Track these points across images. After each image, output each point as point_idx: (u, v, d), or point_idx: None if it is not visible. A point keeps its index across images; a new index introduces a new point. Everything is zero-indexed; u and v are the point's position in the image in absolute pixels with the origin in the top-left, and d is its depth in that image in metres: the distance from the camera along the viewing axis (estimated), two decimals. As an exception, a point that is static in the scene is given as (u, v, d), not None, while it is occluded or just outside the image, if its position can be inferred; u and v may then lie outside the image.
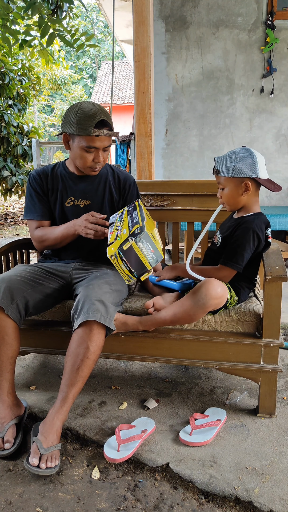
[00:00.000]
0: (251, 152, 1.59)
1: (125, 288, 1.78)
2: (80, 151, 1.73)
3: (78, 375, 1.45)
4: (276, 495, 1.26)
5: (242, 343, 1.59)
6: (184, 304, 1.55)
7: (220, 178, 1.63)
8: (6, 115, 6.70)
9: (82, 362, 1.46)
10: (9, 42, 3.82)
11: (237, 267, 1.59)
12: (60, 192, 1.87)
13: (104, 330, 1.50)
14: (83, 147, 1.71)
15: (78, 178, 1.88)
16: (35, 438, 1.40)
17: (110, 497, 1.29)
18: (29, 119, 14.60)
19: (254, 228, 1.59)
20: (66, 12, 4.49)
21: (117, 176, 1.93)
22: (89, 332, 1.47)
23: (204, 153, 4.29)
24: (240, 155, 1.58)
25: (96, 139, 1.69)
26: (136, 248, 1.41)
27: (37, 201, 1.87)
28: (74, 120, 1.69)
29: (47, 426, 1.42)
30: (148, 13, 2.40)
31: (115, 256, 1.44)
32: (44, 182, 1.88)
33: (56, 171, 1.90)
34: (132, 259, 1.43)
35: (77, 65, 25.92)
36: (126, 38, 6.53)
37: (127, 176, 1.95)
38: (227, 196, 1.64)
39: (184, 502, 1.27)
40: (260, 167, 1.58)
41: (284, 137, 4.17)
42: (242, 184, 1.60)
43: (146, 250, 1.43)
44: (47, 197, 1.88)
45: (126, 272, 1.45)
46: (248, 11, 3.98)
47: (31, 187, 1.88)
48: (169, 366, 2.07)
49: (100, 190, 1.89)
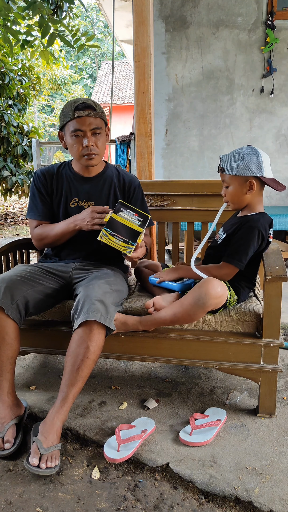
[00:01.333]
0: (257, 151, 1.59)
1: (125, 288, 1.78)
2: (70, 140, 1.76)
3: (78, 375, 1.45)
4: (276, 495, 1.26)
5: (242, 343, 1.59)
6: (184, 304, 1.55)
7: (225, 176, 1.64)
8: (6, 115, 6.70)
9: (82, 362, 1.46)
10: (10, 43, 3.82)
11: (239, 265, 1.59)
12: (65, 193, 1.87)
13: (104, 330, 1.50)
14: (70, 134, 1.74)
15: (83, 179, 1.89)
16: (35, 438, 1.40)
17: (110, 497, 1.29)
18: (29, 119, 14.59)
19: (259, 227, 1.59)
20: (66, 12, 4.49)
21: (122, 178, 1.93)
22: (89, 332, 1.47)
23: (204, 153, 4.29)
24: (246, 154, 1.58)
25: (79, 121, 1.70)
26: (118, 218, 1.49)
27: (39, 201, 1.88)
28: (60, 113, 1.77)
29: (47, 426, 1.42)
30: (148, 13, 2.40)
31: (105, 235, 1.49)
32: (49, 182, 1.88)
33: (62, 171, 1.91)
34: (121, 229, 1.49)
35: (77, 65, 25.92)
36: (126, 38, 6.53)
37: (132, 179, 1.95)
38: (232, 194, 1.64)
39: (184, 502, 1.27)
40: (265, 166, 1.59)
41: (284, 137, 4.17)
42: (246, 183, 1.60)
43: (129, 216, 1.51)
44: (50, 197, 1.89)
45: (122, 244, 1.49)
46: (248, 11, 3.98)
47: (35, 186, 1.89)
48: (169, 366, 2.07)
49: (104, 191, 1.89)
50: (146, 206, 2.01)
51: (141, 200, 1.97)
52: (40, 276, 1.72)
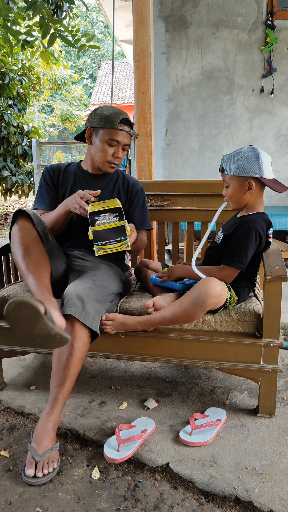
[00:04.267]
0: (257, 151, 1.59)
1: (114, 284, 1.76)
2: (102, 144, 1.82)
3: (65, 374, 1.44)
4: (276, 495, 1.27)
5: (242, 343, 1.59)
6: (183, 303, 1.55)
7: (225, 176, 1.64)
8: (6, 115, 6.69)
9: (68, 360, 1.45)
10: (11, 43, 3.82)
11: (240, 266, 1.59)
12: (71, 186, 1.93)
13: (87, 326, 1.50)
14: (106, 139, 1.80)
15: (90, 176, 1.95)
16: (29, 445, 1.40)
17: (110, 497, 1.29)
18: (29, 119, 14.60)
19: (256, 227, 1.59)
20: (66, 12, 4.48)
21: (126, 181, 2.01)
22: (71, 329, 1.47)
23: (204, 153, 4.29)
24: (246, 154, 1.58)
25: (120, 133, 1.79)
26: (99, 227, 1.53)
27: (45, 192, 1.94)
28: (101, 114, 1.80)
29: (39, 431, 1.41)
30: (148, 13, 2.40)
31: (100, 249, 1.53)
32: (56, 175, 1.96)
33: (70, 168, 1.99)
34: (107, 235, 1.53)
35: (77, 65, 25.92)
36: (126, 38, 6.53)
37: (135, 182, 2.03)
38: (231, 194, 1.65)
39: (184, 502, 1.27)
40: (265, 167, 1.59)
41: (284, 137, 4.17)
42: (245, 183, 1.60)
43: (105, 219, 1.55)
44: (56, 189, 1.95)
45: (118, 245, 1.53)
46: (248, 11, 3.98)
47: (43, 179, 1.97)
48: (169, 366, 2.07)
49: (109, 189, 1.95)
50: (147, 210, 2.03)
51: (142, 203, 2.00)
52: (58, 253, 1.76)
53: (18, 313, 1.19)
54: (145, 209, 2.02)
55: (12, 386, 1.90)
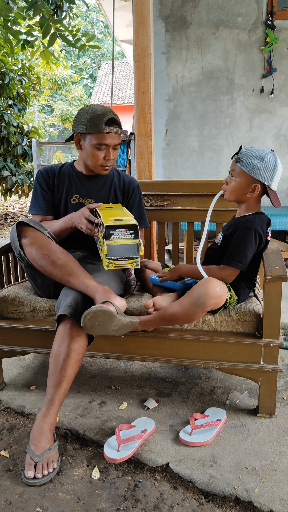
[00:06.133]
0: (276, 161, 1.59)
1: (114, 285, 1.75)
2: (91, 149, 1.78)
3: (61, 375, 1.44)
4: (276, 495, 1.26)
5: (242, 343, 1.59)
6: (183, 304, 1.55)
7: (236, 166, 1.63)
8: (6, 115, 6.70)
9: (65, 361, 1.44)
10: (11, 43, 3.82)
11: (240, 266, 1.59)
12: (66, 189, 1.91)
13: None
14: (95, 144, 1.76)
15: (85, 177, 1.93)
16: (28, 447, 1.40)
17: (110, 497, 1.29)
18: (29, 119, 14.60)
19: (255, 227, 1.59)
20: (66, 12, 4.48)
21: (122, 179, 1.99)
22: (68, 330, 1.47)
23: (204, 153, 4.29)
24: (266, 158, 1.57)
25: (107, 136, 1.75)
26: (113, 242, 1.50)
27: (40, 197, 1.91)
28: (85, 119, 1.75)
29: (35, 432, 1.41)
30: (148, 13, 2.40)
31: (110, 263, 1.51)
32: (51, 178, 1.93)
33: (64, 170, 1.96)
34: (120, 251, 1.51)
35: (77, 65, 25.91)
36: (126, 38, 6.53)
37: (131, 180, 2.00)
38: (234, 187, 1.64)
39: (184, 502, 1.27)
40: (275, 179, 1.59)
41: (284, 137, 4.17)
42: (252, 185, 1.60)
43: (121, 235, 1.52)
44: (52, 193, 1.92)
45: (128, 262, 1.52)
46: (248, 11, 3.98)
47: (37, 183, 1.94)
48: (169, 366, 2.07)
49: (105, 190, 1.93)
50: (143, 208, 2.03)
51: (138, 201, 2.00)
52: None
53: (94, 321, 1.38)
54: (142, 207, 2.01)
55: (12, 386, 1.90)
